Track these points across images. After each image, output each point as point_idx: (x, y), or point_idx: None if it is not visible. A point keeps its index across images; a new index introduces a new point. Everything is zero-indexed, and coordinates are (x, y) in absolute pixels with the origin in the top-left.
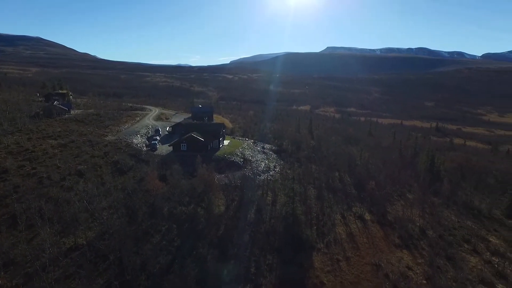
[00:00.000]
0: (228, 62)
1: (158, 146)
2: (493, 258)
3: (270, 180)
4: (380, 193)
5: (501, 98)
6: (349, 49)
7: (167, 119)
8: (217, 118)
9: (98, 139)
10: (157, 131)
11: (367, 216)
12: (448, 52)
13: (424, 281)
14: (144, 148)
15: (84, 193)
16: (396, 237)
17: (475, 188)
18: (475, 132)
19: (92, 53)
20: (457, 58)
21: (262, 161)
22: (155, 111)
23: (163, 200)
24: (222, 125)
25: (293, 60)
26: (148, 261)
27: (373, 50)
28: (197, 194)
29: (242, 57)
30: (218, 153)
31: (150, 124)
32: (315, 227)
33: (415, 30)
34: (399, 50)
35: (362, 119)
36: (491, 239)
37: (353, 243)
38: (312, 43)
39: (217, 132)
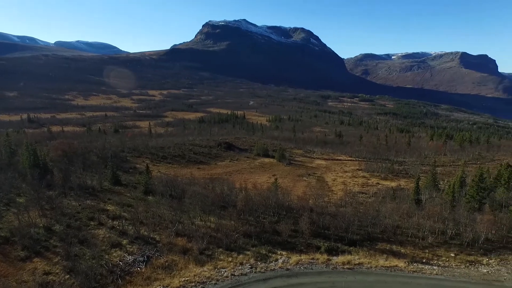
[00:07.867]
0: None
1: None
2: (115, 223)
3: None
4: None
5: (82, 83)
6: None
7: None
8: None
9: None
10: None
11: None
12: (19, 37)
13: (68, 276)
14: None
15: None
16: (20, 250)
17: (83, 169)
18: (69, 117)
19: None
20: (30, 44)
21: None
22: None
23: None
24: None
25: None
26: None
27: None
28: None
29: None
30: None
31: None
32: None
33: None
34: None
35: None
36: (108, 208)
37: None
38: None
39: None
